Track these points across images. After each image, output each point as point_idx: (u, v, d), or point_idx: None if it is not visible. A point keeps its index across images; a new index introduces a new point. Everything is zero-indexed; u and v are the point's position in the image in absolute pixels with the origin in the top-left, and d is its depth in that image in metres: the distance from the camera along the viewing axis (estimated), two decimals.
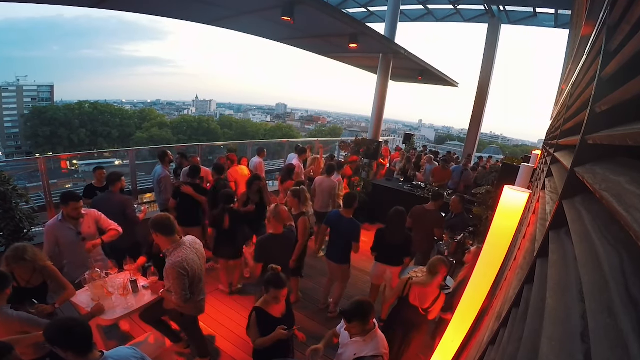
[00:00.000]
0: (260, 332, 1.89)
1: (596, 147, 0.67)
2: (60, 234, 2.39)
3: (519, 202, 1.20)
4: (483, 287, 1.27)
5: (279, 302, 1.93)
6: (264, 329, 1.89)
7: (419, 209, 3.53)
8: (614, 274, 0.37)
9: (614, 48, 0.65)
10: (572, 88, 1.64)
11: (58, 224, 2.39)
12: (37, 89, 48.92)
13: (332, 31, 4.88)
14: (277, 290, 1.87)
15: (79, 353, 1.27)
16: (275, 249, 2.47)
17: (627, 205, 0.37)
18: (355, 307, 1.69)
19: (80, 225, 2.45)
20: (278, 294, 1.87)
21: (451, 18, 10.73)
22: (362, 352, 1.70)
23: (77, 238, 2.42)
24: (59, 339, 1.27)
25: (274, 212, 2.47)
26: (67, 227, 2.41)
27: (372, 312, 1.71)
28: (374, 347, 1.70)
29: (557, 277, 0.57)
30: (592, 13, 1.53)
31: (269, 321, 1.90)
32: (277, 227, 2.50)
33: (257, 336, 1.90)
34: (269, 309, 1.93)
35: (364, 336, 1.72)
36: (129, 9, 4.55)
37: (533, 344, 0.52)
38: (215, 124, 52.83)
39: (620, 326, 0.30)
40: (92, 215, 2.54)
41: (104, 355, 1.35)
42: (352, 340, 1.76)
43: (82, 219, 2.46)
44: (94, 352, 1.32)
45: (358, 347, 1.73)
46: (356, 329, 1.70)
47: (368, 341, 1.72)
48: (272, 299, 1.90)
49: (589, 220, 0.55)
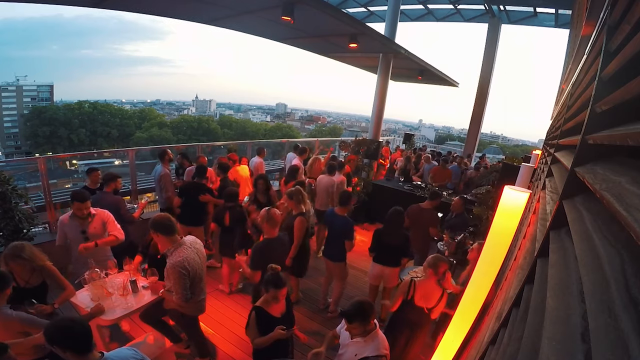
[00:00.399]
0: (260, 331, 1.89)
1: (596, 147, 0.67)
2: (68, 230, 2.47)
3: (519, 202, 1.19)
4: (483, 286, 1.27)
5: (279, 302, 1.93)
6: (263, 328, 1.88)
7: (415, 208, 3.53)
8: (615, 274, 0.37)
9: (615, 48, 0.65)
10: (573, 88, 1.64)
11: (68, 219, 2.47)
12: (37, 88, 48.82)
13: (332, 31, 4.88)
14: (277, 290, 1.87)
15: (79, 353, 1.27)
16: (272, 253, 2.46)
17: (627, 205, 0.37)
18: (356, 308, 1.69)
19: (88, 225, 2.48)
20: (277, 294, 1.87)
21: (451, 18, 10.72)
22: (363, 353, 1.70)
23: (81, 236, 2.45)
24: (59, 338, 1.26)
25: (266, 217, 2.46)
26: (75, 224, 2.46)
27: (372, 312, 1.71)
28: (374, 347, 1.69)
29: (558, 277, 0.57)
30: (592, 13, 1.53)
31: (268, 321, 1.90)
32: (271, 231, 2.50)
33: (256, 335, 1.90)
34: (268, 308, 1.93)
35: (365, 337, 1.72)
36: (129, 8, 4.55)
37: (533, 344, 0.52)
38: (215, 123, 52.71)
39: (621, 326, 0.30)
40: (101, 216, 2.57)
41: (104, 356, 1.34)
42: (352, 341, 1.76)
43: (90, 219, 2.50)
44: (94, 352, 1.32)
45: (359, 347, 1.73)
46: (357, 329, 1.70)
47: (369, 342, 1.71)
48: (271, 299, 1.90)
49: (589, 220, 0.55)
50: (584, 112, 0.85)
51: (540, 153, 3.57)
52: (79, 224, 2.46)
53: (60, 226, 2.50)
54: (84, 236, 2.46)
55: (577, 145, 0.73)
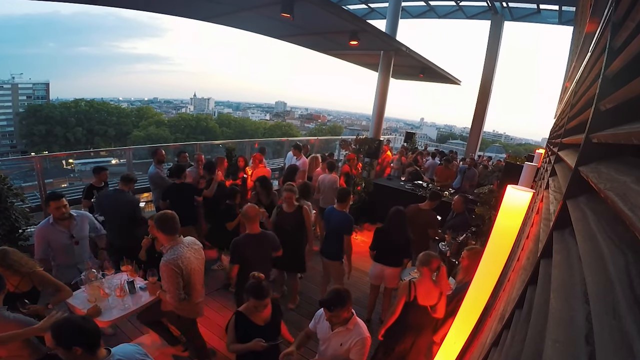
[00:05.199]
0: (238, 337, 1.80)
1: (601, 146, 0.66)
2: (52, 237, 2.32)
3: (522, 201, 1.19)
4: (486, 288, 1.27)
5: (261, 312, 1.84)
6: (242, 334, 1.81)
7: (413, 207, 3.50)
8: (619, 275, 0.37)
9: (619, 45, 0.64)
10: (577, 86, 1.63)
11: (49, 227, 2.31)
12: (33, 86, 48.39)
13: (332, 28, 4.86)
14: (258, 301, 1.78)
15: (89, 350, 1.28)
16: (249, 249, 2.42)
17: (632, 205, 0.37)
18: (334, 295, 1.69)
19: (73, 228, 2.39)
20: (258, 305, 1.79)
21: (453, 15, 10.64)
22: (348, 341, 1.70)
23: (69, 241, 2.37)
24: (69, 336, 1.26)
25: (242, 213, 2.48)
26: (59, 230, 2.33)
27: (350, 299, 1.72)
28: (358, 332, 1.70)
29: (561, 278, 0.57)
30: (596, 9, 1.51)
31: (249, 328, 1.82)
32: (250, 227, 2.45)
33: (232, 341, 1.81)
34: (251, 315, 1.85)
35: (347, 325, 1.72)
36: (127, 5, 4.54)
37: (536, 346, 0.51)
38: (213, 122, 52.47)
39: (626, 328, 0.30)
40: (85, 218, 2.53)
41: (111, 352, 1.36)
42: (334, 332, 1.75)
43: (74, 221, 2.40)
44: (102, 349, 1.33)
45: (343, 336, 1.73)
46: (338, 317, 1.69)
47: (351, 329, 1.72)
48: (252, 308, 1.82)
49: (593, 220, 0.54)
50: (588, 110, 0.84)
51: (544, 152, 3.54)
52: (65, 229, 2.35)
53: (39, 235, 2.29)
54: (73, 240, 2.38)
55: (581, 144, 0.73)
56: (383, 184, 5.94)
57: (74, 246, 2.39)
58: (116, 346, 1.44)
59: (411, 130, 16.86)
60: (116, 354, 1.37)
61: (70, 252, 2.39)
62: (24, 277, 1.89)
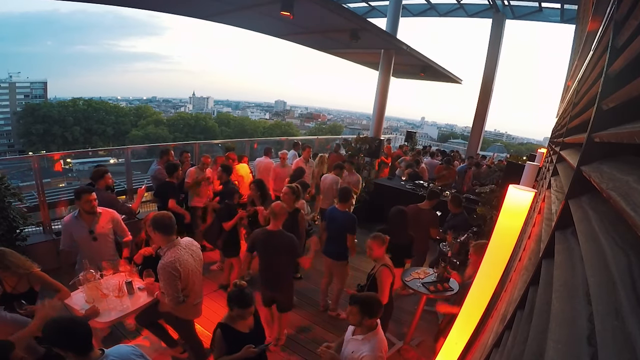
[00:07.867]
0: (228, 349, 1.75)
1: (603, 145, 0.66)
2: (74, 230, 2.41)
3: (524, 201, 1.18)
4: (487, 288, 1.27)
5: (246, 320, 1.82)
6: (230, 345, 1.76)
7: (413, 208, 3.48)
8: (622, 275, 0.36)
9: (622, 44, 0.64)
10: (579, 85, 1.62)
11: (73, 221, 2.41)
12: (30, 85, 47.93)
13: (332, 26, 4.85)
14: (241, 309, 1.74)
15: (80, 353, 1.26)
16: (259, 243, 2.45)
17: (634, 205, 0.37)
18: (365, 296, 1.71)
19: (95, 224, 2.45)
20: (243, 313, 1.76)
21: (455, 13, 10.59)
22: (358, 351, 1.67)
23: (89, 236, 2.42)
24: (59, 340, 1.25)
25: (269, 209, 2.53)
26: (81, 224, 2.42)
27: (377, 309, 1.69)
28: (370, 347, 1.65)
29: (563, 278, 0.57)
30: (599, 8, 1.50)
31: (236, 337, 1.78)
32: (273, 223, 2.47)
33: (221, 353, 1.76)
34: (235, 324, 1.80)
35: (365, 334, 1.71)
36: (126, 3, 4.53)
37: (538, 347, 0.51)
38: (212, 121, 52.16)
39: (628, 329, 0.30)
40: (108, 214, 2.53)
41: (104, 353, 1.34)
42: (352, 338, 1.75)
43: (97, 217, 2.45)
44: (95, 350, 1.31)
45: (356, 345, 1.71)
46: (354, 317, 1.68)
47: (366, 341, 1.69)
48: (237, 317, 1.78)
49: (595, 220, 0.54)
50: (590, 109, 0.83)
51: (546, 151, 3.53)
52: (86, 224, 2.43)
53: (65, 229, 2.41)
54: (92, 236, 2.42)
55: (583, 143, 0.72)
56: (383, 184, 5.93)
57: (92, 242, 2.42)
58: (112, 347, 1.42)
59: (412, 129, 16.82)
60: (110, 355, 1.34)
61: (91, 247, 2.44)
62: (21, 278, 1.87)
